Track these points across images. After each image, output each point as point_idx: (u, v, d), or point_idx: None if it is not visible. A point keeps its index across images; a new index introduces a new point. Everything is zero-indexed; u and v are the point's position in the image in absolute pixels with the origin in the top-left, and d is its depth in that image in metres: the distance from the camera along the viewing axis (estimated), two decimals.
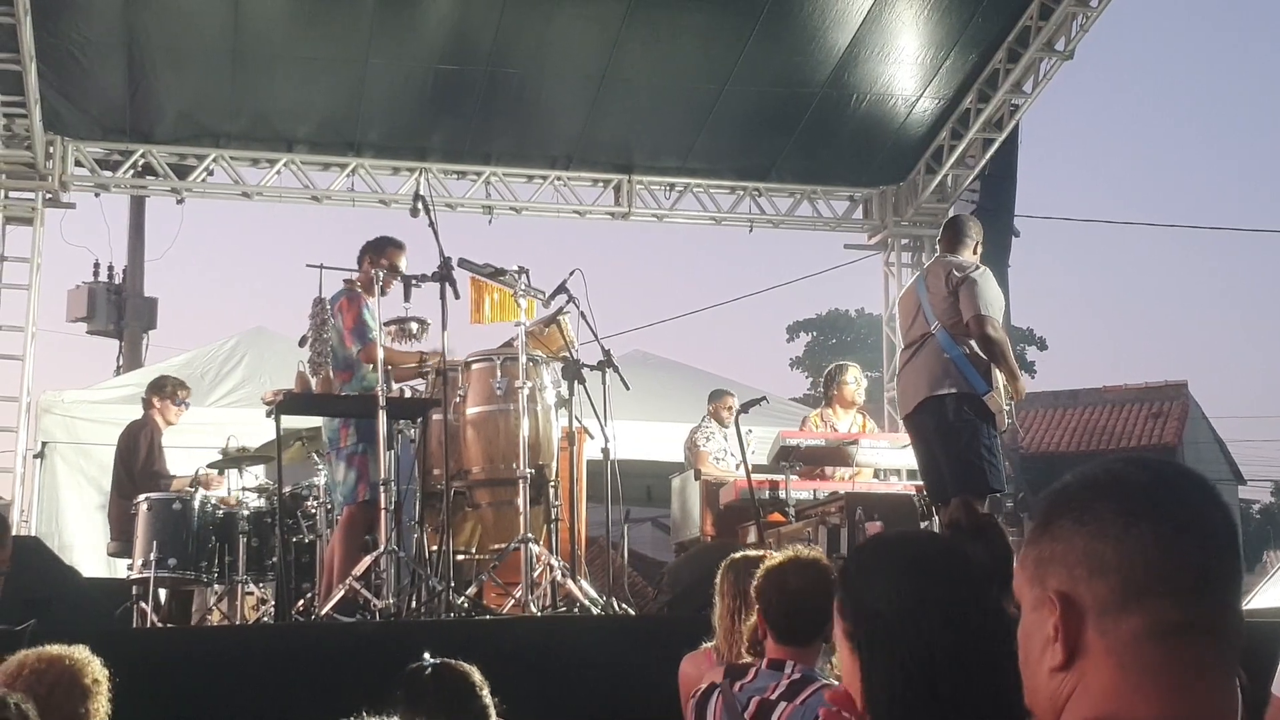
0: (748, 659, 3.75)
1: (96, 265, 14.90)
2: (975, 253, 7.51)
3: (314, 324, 7.13)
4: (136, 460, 8.96)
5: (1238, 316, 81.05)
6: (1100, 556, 1.40)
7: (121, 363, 14.98)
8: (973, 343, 7.16)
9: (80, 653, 3.45)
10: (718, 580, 4.22)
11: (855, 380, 9.75)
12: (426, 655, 3.52)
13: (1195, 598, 1.39)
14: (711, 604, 4.29)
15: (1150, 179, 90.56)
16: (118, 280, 15.03)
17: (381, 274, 7.09)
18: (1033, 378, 32.58)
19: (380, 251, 7.44)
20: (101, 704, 3.38)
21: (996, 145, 11.72)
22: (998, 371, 7.16)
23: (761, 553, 4.23)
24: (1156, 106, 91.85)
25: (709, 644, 4.33)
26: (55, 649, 3.44)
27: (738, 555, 4.34)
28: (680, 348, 59.57)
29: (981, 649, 2.04)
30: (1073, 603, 1.41)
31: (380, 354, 6.86)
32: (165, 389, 9.27)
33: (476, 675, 3.49)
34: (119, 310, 14.92)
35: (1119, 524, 1.40)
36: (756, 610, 3.69)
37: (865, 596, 2.13)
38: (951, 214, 12.04)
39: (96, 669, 3.43)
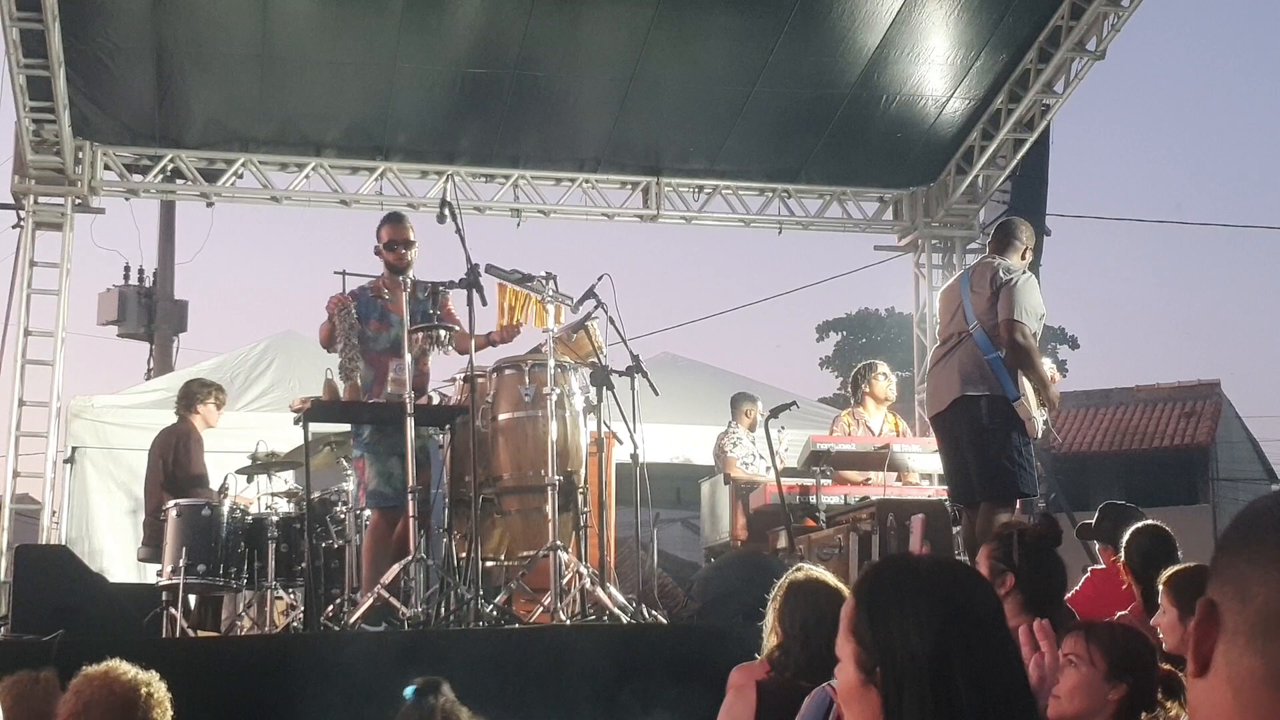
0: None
1: (127, 268, 14.98)
2: (1024, 258, 7.42)
3: (342, 330, 7.12)
4: (167, 467, 8.92)
5: (1271, 315, 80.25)
6: (1245, 583, 1.26)
7: (152, 366, 15.03)
8: None
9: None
10: (771, 600, 4.18)
11: (885, 376, 9.68)
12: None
13: None
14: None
15: (1182, 177, 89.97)
16: (148, 283, 15.08)
17: (384, 263, 7.14)
18: (1064, 376, 32.16)
19: (379, 246, 7.41)
20: None
21: (1028, 146, 11.61)
22: (1025, 379, 7.09)
23: (813, 569, 4.20)
24: (1188, 103, 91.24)
25: (762, 656, 4.30)
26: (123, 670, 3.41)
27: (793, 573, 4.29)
28: (709, 349, 59.41)
29: (1003, 689, 2.05)
30: (1214, 616, 1.28)
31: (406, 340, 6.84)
32: (196, 395, 9.21)
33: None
34: (149, 313, 14.96)
35: (1273, 554, 1.25)
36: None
37: (895, 635, 2.07)
38: (986, 214, 12.07)
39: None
